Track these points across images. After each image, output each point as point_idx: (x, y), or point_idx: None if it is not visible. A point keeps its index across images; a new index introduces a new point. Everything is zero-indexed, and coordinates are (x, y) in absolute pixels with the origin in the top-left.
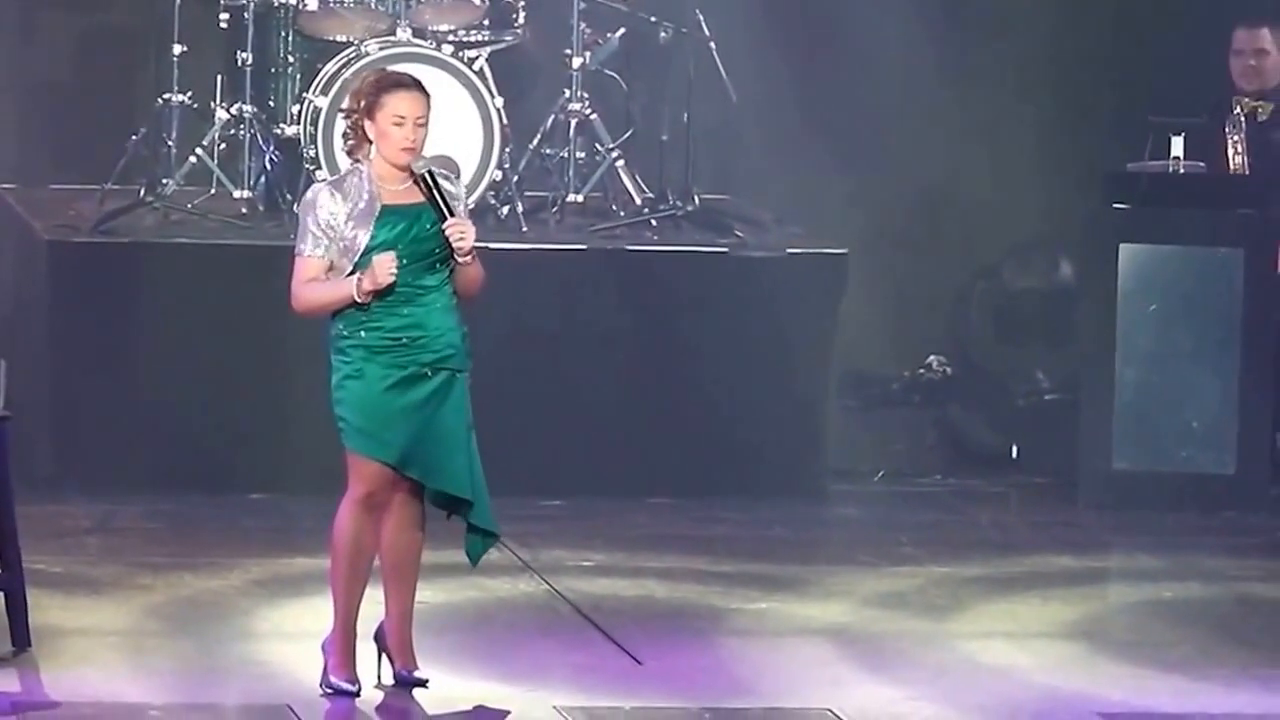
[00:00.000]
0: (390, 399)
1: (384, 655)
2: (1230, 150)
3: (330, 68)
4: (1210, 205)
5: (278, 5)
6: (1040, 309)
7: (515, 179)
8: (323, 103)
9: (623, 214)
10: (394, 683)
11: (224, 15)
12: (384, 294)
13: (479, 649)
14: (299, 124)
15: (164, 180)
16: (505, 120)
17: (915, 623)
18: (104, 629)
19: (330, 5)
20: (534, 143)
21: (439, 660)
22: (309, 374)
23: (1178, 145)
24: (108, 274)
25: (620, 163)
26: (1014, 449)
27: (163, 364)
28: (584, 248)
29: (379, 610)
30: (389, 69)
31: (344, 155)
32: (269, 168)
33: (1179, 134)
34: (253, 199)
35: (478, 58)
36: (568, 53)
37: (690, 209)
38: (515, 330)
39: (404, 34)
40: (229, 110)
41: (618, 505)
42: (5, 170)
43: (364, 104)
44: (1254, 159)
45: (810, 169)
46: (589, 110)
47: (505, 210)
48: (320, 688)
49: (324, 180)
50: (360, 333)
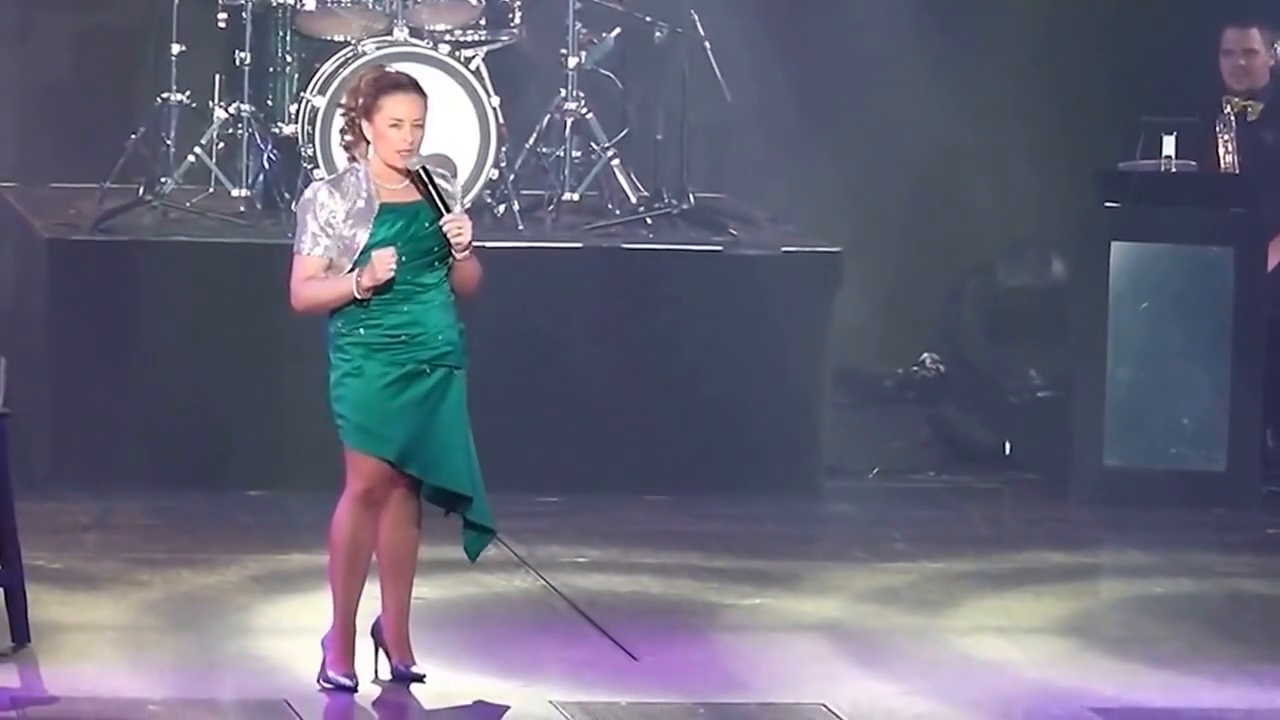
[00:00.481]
0: (389, 396)
1: (381, 650)
2: (1221, 149)
3: (328, 67)
4: (1201, 204)
5: (275, 5)
6: (1033, 307)
7: (511, 178)
8: (320, 102)
9: (618, 212)
10: (391, 678)
11: (222, 15)
12: (382, 291)
13: (476, 644)
14: (297, 123)
15: (163, 179)
16: (501, 119)
17: (908, 618)
18: (103, 624)
19: (328, 5)
20: (530, 142)
21: (436, 655)
22: (307, 371)
23: (1169, 144)
24: (107, 272)
25: (616, 162)
26: (1007, 446)
27: (161, 361)
28: (580, 246)
29: (376, 606)
30: (387, 69)
31: (341, 154)
32: (267, 166)
33: (1170, 133)
34: (251, 197)
35: (474, 57)
36: (563, 52)
37: (685, 207)
38: (512, 328)
39: (401, 33)
40: (227, 109)
41: (613, 501)
42: (5, 169)
43: (361, 104)
44: (1244, 158)
45: (805, 168)
46: (585, 109)
47: (501, 209)
48: (318, 683)
49: (322, 179)
50: (359, 330)
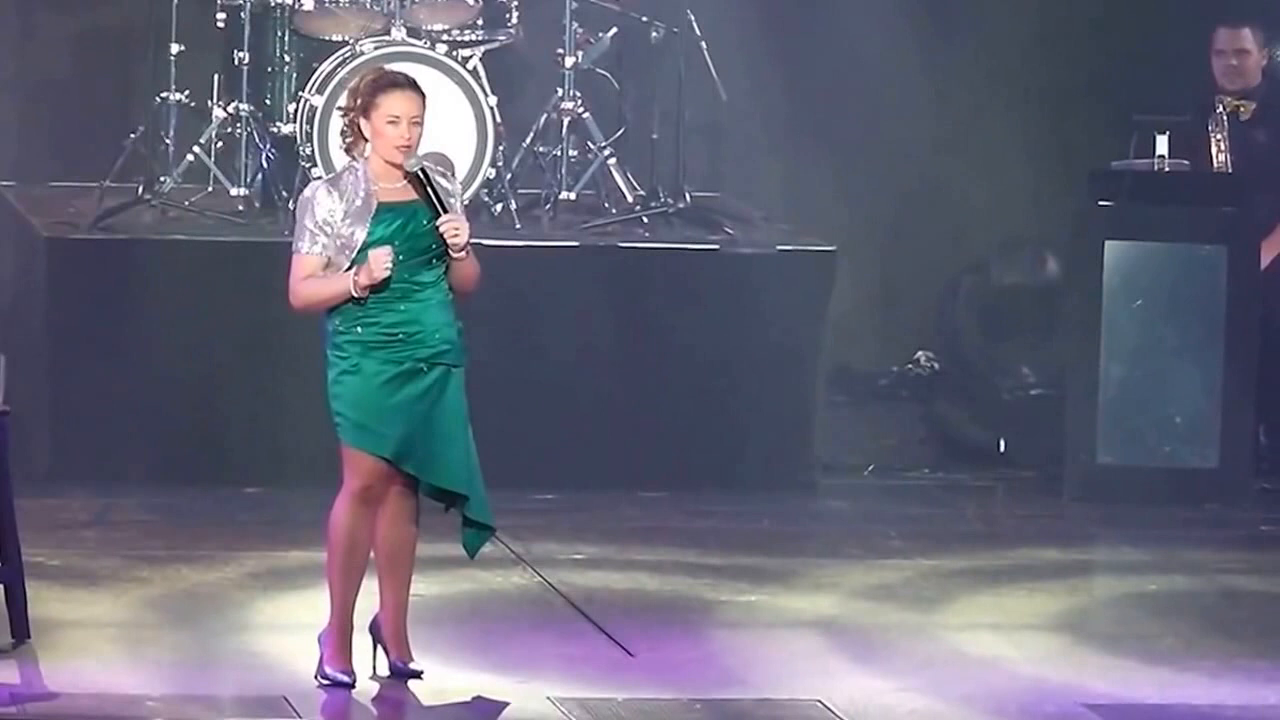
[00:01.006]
0: (386, 394)
1: (379, 647)
2: (1214, 149)
3: (326, 67)
4: (1194, 203)
5: (274, 5)
6: (1026, 305)
7: (509, 177)
8: (318, 101)
9: (615, 211)
10: (389, 674)
11: (221, 15)
12: (380, 290)
13: (473, 641)
14: (295, 122)
15: (162, 178)
16: (499, 119)
17: (903, 614)
18: (102, 621)
19: (326, 5)
20: (527, 141)
21: (433, 652)
22: (305, 369)
23: (1162, 144)
24: (106, 270)
25: (612, 161)
26: (1001, 443)
27: (160, 359)
28: (576, 245)
29: (374, 602)
30: (386, 68)
31: (339, 153)
32: (265, 165)
33: (1163, 132)
34: (249, 196)
35: (471, 57)
36: (560, 52)
37: (681, 206)
38: (508, 326)
39: (399, 33)
40: (226, 109)
41: (610, 498)
42: (5, 168)
43: (360, 103)
44: (1237, 157)
45: (800, 167)
46: (581, 109)
47: (499, 208)
48: (316, 679)
49: (320, 178)
50: (356, 328)
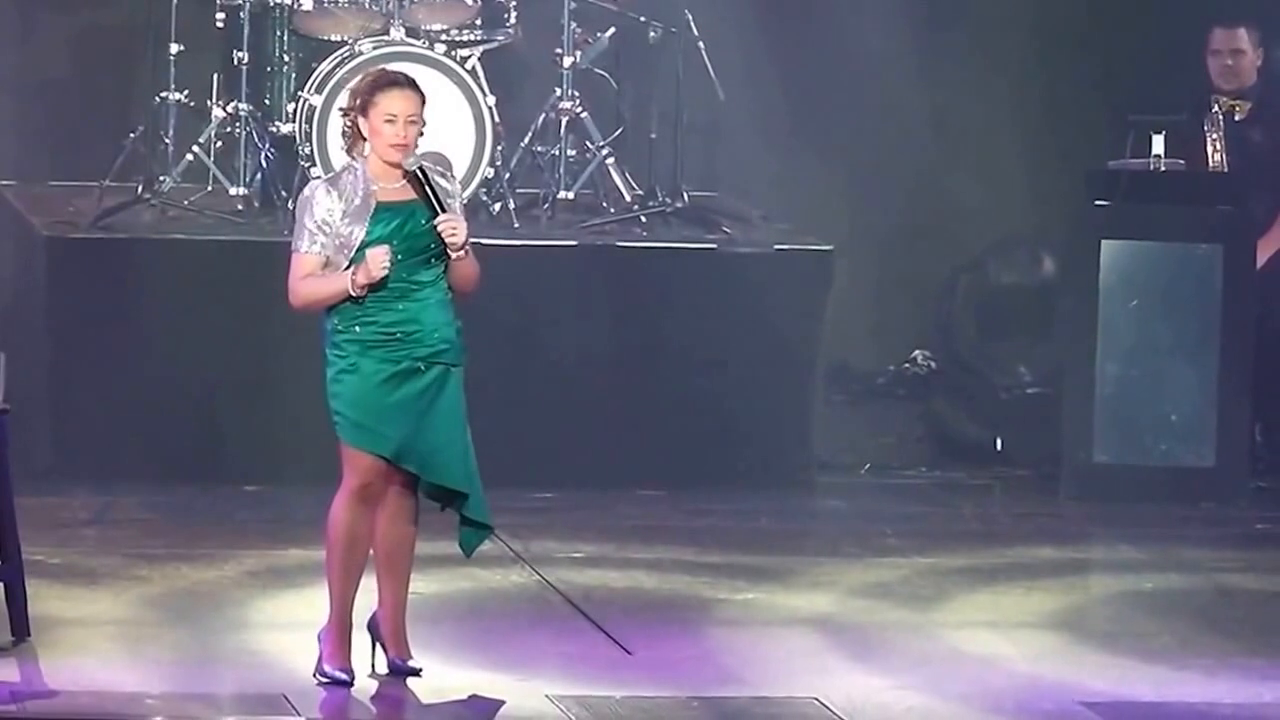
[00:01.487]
0: (384, 393)
1: (378, 645)
2: (1209, 148)
3: (325, 67)
4: (1190, 202)
5: (273, 5)
6: (1023, 304)
7: (507, 176)
8: (317, 101)
9: (613, 211)
10: (388, 672)
11: (220, 15)
12: (378, 289)
13: (472, 639)
14: (294, 122)
15: (161, 177)
16: (497, 118)
17: (900, 613)
18: (102, 619)
19: (325, 5)
20: (525, 140)
21: (432, 650)
22: (304, 368)
23: (1158, 143)
24: (105, 269)
25: (610, 160)
26: (997, 442)
27: (160, 358)
28: (574, 244)
29: (373, 600)
30: (386, 68)
31: (338, 153)
32: (265, 165)
33: (1159, 132)
34: (249, 196)
35: (470, 57)
36: (559, 52)
37: (679, 206)
38: (507, 325)
39: (397, 33)
40: (225, 108)
41: (608, 497)
42: (4, 167)
43: (359, 102)
44: (1232, 157)
45: (797, 166)
46: (579, 109)
47: (497, 207)
48: (315, 677)
49: (320, 178)
50: (355, 328)
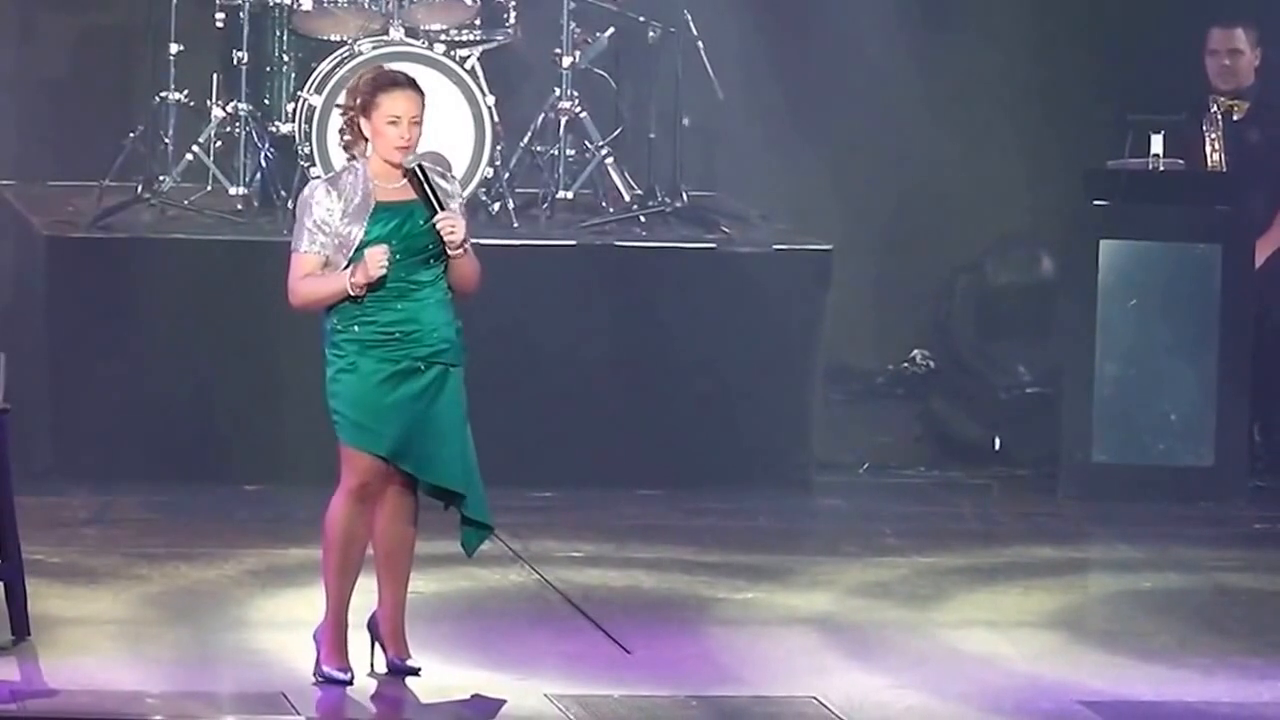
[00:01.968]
0: (383, 393)
1: (377, 644)
2: (1208, 148)
3: (324, 66)
4: (1189, 202)
5: (273, 5)
6: (1022, 304)
7: (506, 176)
8: (317, 101)
9: (612, 210)
10: (387, 671)
11: (219, 15)
12: (377, 289)
13: (471, 638)
14: (294, 122)
15: (161, 177)
16: (496, 118)
17: (899, 612)
18: (101, 618)
19: (324, 5)
20: (525, 140)
21: (431, 649)
22: (304, 367)
23: (1157, 143)
24: (105, 269)
25: (609, 160)
26: (996, 441)
27: (160, 357)
28: (574, 243)
29: (372, 600)
30: (385, 67)
31: (338, 152)
32: (264, 165)
33: (1158, 132)
34: (248, 195)
35: (469, 57)
36: (558, 52)
37: (678, 205)
38: (506, 325)
39: (397, 33)
40: (225, 108)
41: (607, 496)
42: (4, 167)
43: (360, 102)
44: (1231, 156)
45: (796, 166)
46: (579, 108)
47: (496, 207)
48: (314, 676)
49: (319, 177)
50: (354, 327)
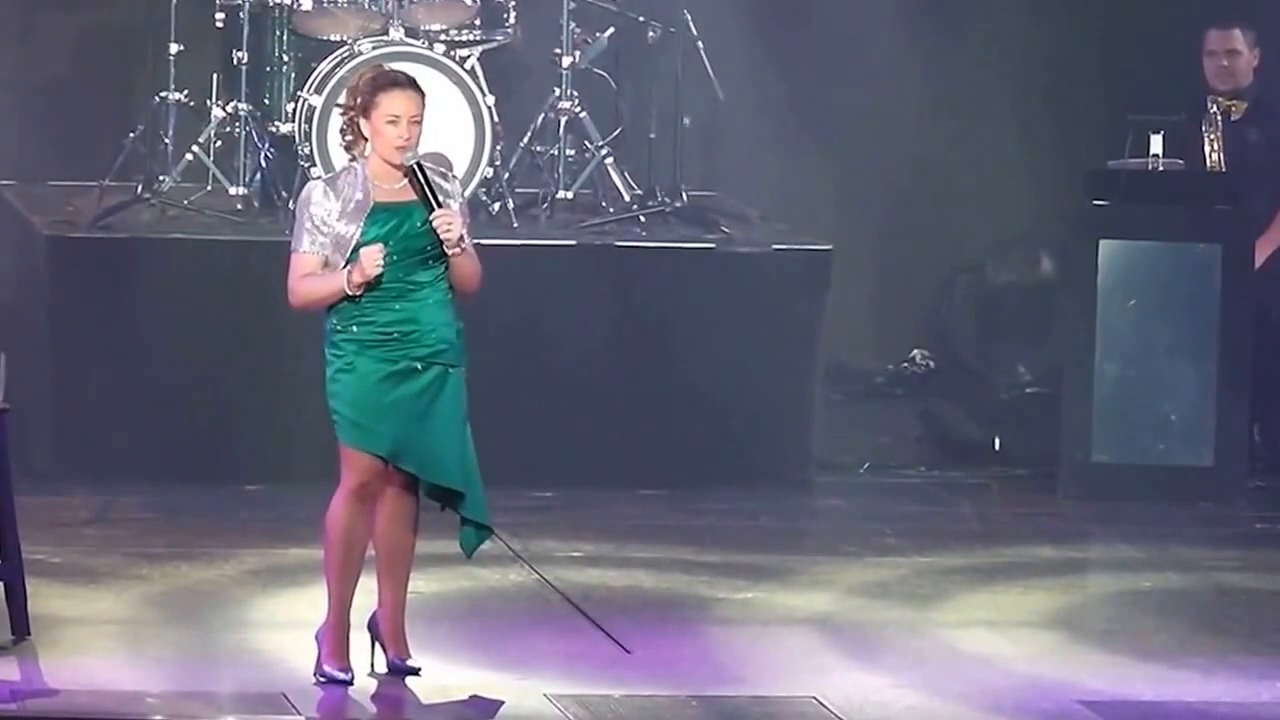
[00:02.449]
0: (382, 393)
1: (377, 644)
2: (1207, 148)
3: (324, 66)
4: (1189, 202)
5: (273, 5)
6: (1021, 304)
7: (506, 176)
8: (317, 101)
9: (612, 210)
10: (387, 671)
11: (219, 15)
12: (375, 288)
13: (471, 638)
14: (294, 121)
15: (161, 177)
16: (496, 118)
17: (899, 612)
18: (102, 618)
19: (324, 5)
20: (525, 140)
21: (431, 649)
22: (304, 367)
23: (1157, 143)
24: (106, 269)
25: (609, 160)
26: (996, 441)
27: (160, 357)
28: (573, 243)
29: (372, 600)
30: (385, 66)
31: (338, 152)
32: (264, 165)
33: (1158, 132)
34: (248, 195)
35: (469, 57)
36: (558, 52)
37: (678, 205)
38: (506, 325)
39: (397, 33)
40: (225, 108)
41: (607, 496)
42: (5, 167)
43: (360, 102)
44: (1230, 156)
45: (796, 166)
46: (579, 108)
47: (496, 207)
48: (314, 676)
49: (319, 178)
50: (353, 327)
